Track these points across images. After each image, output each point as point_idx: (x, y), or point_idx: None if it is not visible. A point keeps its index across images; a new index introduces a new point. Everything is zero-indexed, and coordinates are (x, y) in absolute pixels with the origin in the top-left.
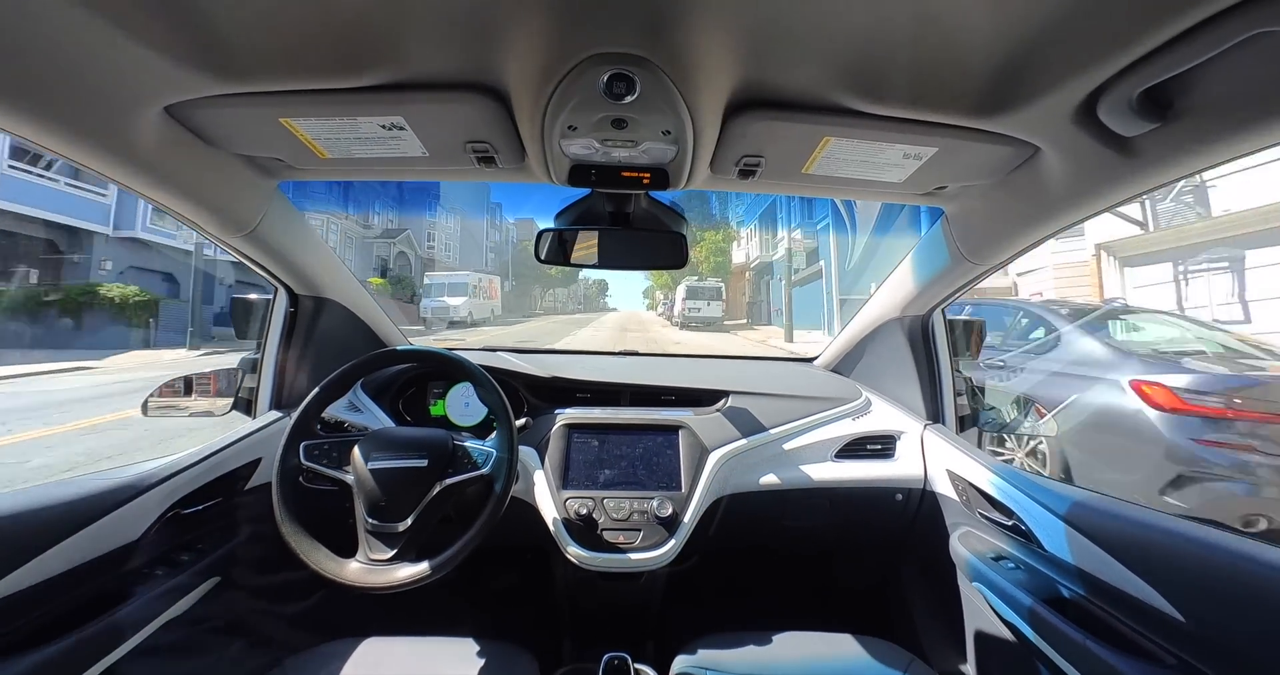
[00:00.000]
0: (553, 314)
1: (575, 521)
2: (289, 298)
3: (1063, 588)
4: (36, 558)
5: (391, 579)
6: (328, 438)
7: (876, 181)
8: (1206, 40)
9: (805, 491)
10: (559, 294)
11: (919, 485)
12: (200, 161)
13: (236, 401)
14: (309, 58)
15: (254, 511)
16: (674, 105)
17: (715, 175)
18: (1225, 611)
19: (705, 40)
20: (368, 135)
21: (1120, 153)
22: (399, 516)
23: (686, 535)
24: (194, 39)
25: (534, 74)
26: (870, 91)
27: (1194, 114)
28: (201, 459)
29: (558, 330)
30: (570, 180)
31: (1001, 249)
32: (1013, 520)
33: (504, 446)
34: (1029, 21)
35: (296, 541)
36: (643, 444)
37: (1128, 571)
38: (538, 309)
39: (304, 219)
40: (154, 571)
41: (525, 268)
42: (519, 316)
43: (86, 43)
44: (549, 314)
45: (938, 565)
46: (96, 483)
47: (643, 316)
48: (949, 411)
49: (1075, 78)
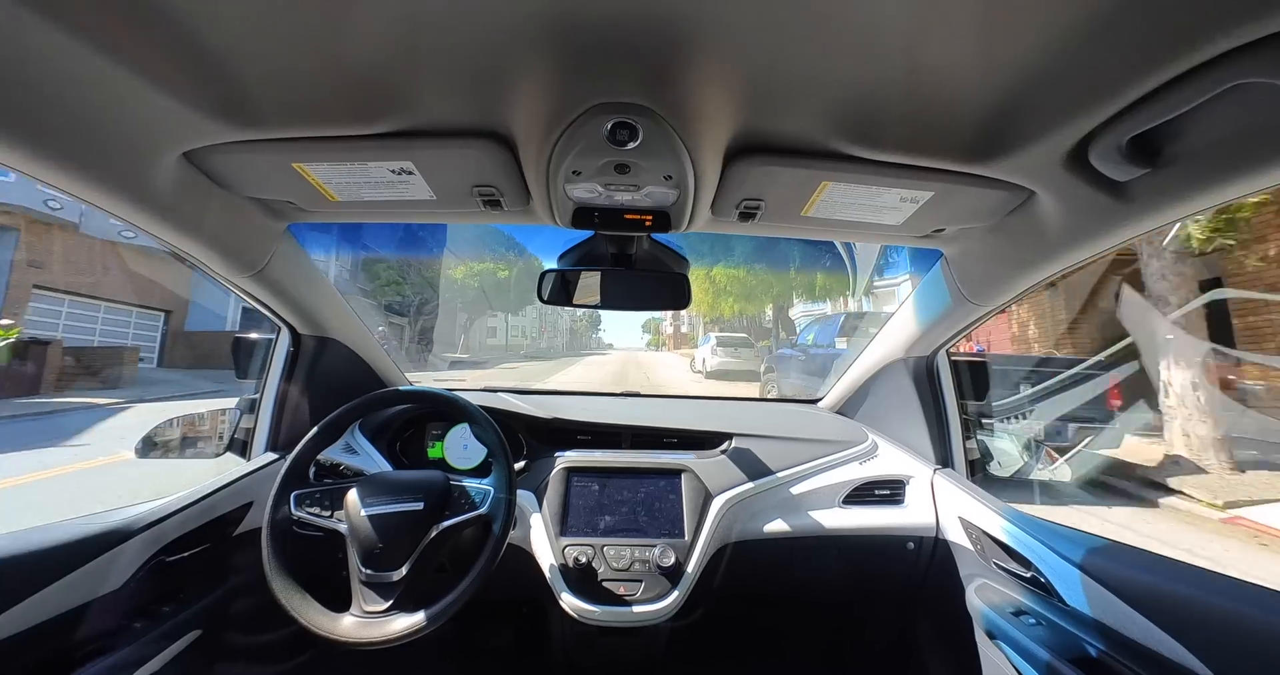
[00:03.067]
0: (510, 361)
1: (573, 570)
2: (291, 337)
3: (1088, 646)
4: (14, 608)
5: (386, 632)
6: (319, 486)
7: (875, 224)
8: (1190, 90)
9: (813, 539)
10: (519, 326)
11: (931, 533)
12: (214, 204)
13: (232, 442)
14: (323, 106)
15: (242, 559)
16: (675, 151)
17: (716, 218)
18: (1262, 673)
19: (705, 90)
20: (378, 179)
21: (1114, 197)
22: (394, 565)
23: (690, 587)
24: (215, 89)
25: (540, 122)
26: (865, 137)
27: (1184, 160)
28: (191, 503)
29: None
30: (574, 223)
31: (1002, 290)
32: (1030, 571)
33: (502, 486)
34: (1017, 72)
35: (287, 597)
36: (644, 488)
37: (1155, 627)
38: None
39: (310, 260)
40: (132, 623)
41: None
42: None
43: (112, 92)
44: (518, 359)
45: (955, 620)
46: (80, 528)
47: (644, 359)
48: (958, 455)
49: (1065, 125)
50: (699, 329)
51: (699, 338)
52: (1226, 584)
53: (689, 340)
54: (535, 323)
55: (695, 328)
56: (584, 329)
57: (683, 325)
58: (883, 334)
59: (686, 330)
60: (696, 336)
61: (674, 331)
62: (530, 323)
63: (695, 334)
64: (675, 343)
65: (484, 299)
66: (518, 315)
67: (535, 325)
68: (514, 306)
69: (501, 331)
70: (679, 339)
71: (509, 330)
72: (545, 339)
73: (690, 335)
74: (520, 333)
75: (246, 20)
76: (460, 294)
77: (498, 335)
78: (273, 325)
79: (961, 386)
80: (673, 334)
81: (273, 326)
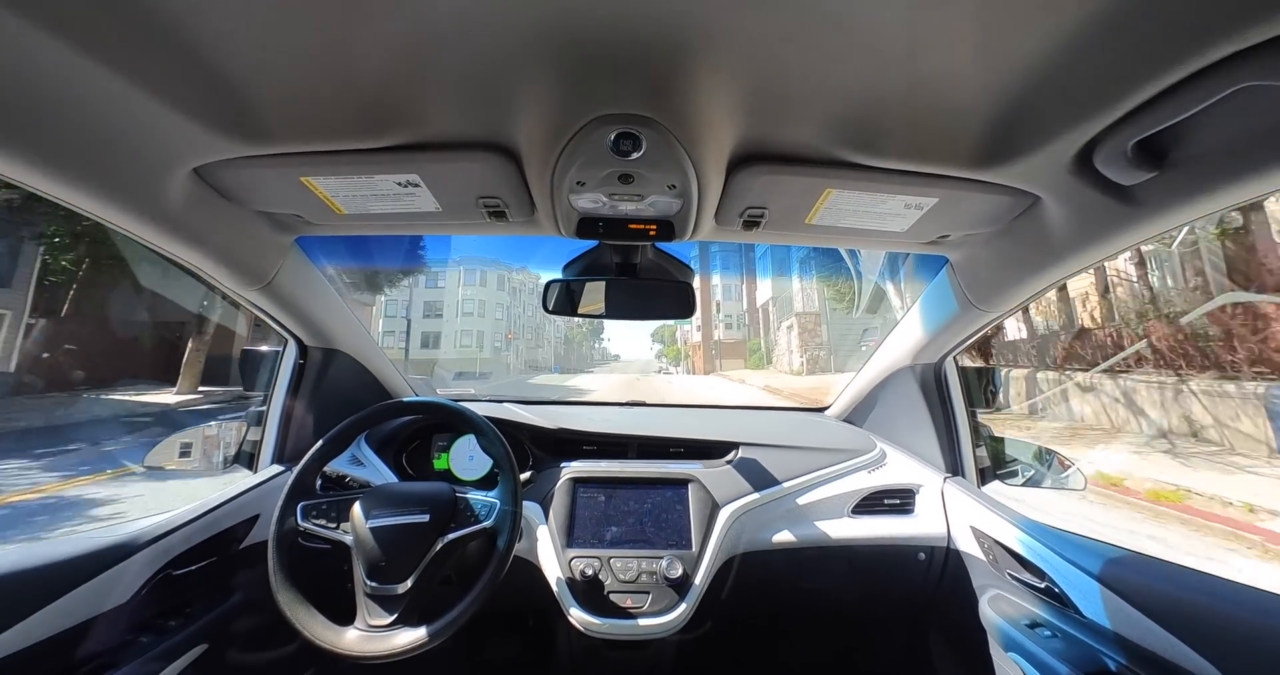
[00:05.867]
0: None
1: (580, 583)
2: (298, 349)
3: (1106, 658)
4: (22, 622)
5: (390, 646)
6: (326, 497)
7: (879, 231)
8: (1196, 93)
9: (822, 550)
10: (473, 329)
11: (942, 543)
12: (223, 218)
13: (239, 455)
14: (331, 121)
15: (248, 573)
16: (679, 161)
17: (720, 226)
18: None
19: (708, 101)
20: (384, 192)
21: (1120, 201)
22: (399, 577)
23: (698, 599)
24: (225, 105)
25: (544, 133)
26: (868, 145)
27: (1190, 163)
28: (198, 516)
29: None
30: (579, 233)
31: (1009, 296)
32: (1045, 582)
33: (508, 499)
34: (1021, 77)
35: (292, 610)
36: (651, 499)
37: (1175, 640)
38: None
39: (317, 272)
40: (138, 638)
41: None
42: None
43: (123, 109)
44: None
45: (968, 633)
46: (88, 542)
47: (658, 390)
48: (968, 463)
49: (1069, 130)
50: (782, 330)
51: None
52: (1250, 595)
53: (740, 351)
54: (497, 325)
55: (754, 326)
56: (581, 338)
57: (724, 325)
58: (889, 341)
59: (735, 334)
60: (764, 344)
61: (703, 340)
62: (490, 326)
63: (759, 340)
64: (705, 357)
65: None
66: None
67: (494, 329)
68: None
69: (448, 339)
70: (717, 350)
71: (457, 336)
72: (520, 350)
73: (751, 343)
74: (475, 341)
75: (256, 38)
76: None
77: (437, 344)
78: (279, 338)
79: (970, 393)
80: (700, 345)
81: (279, 339)
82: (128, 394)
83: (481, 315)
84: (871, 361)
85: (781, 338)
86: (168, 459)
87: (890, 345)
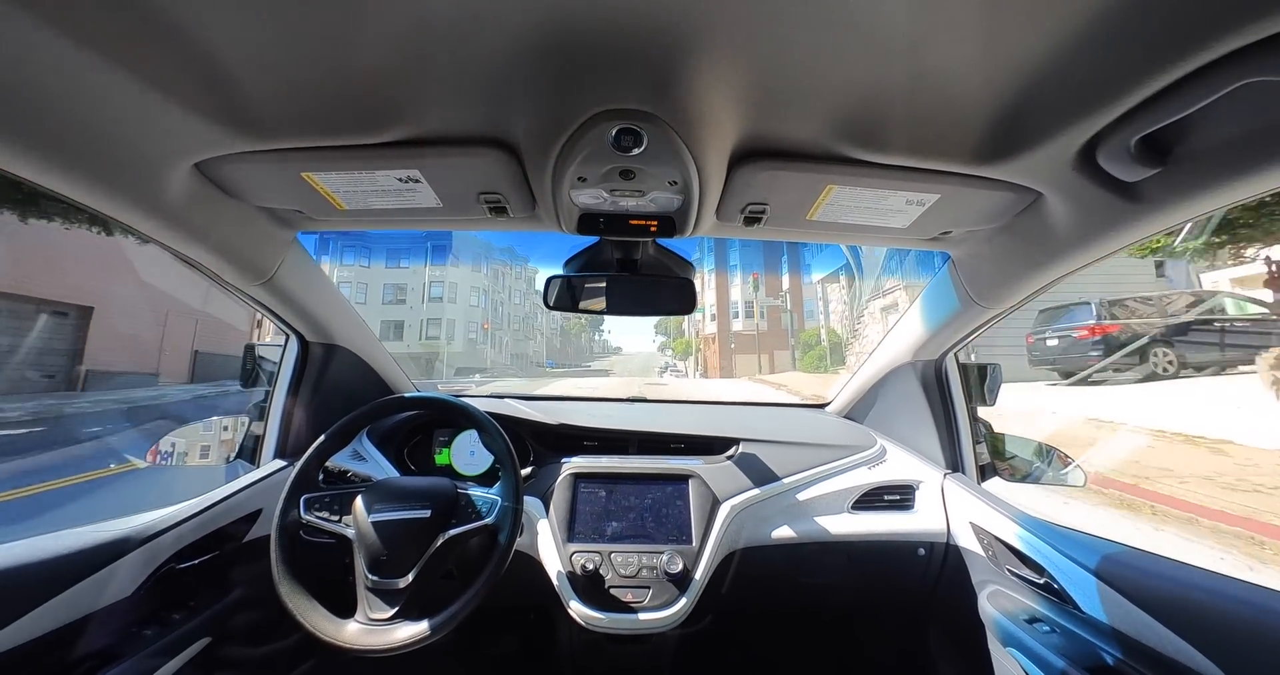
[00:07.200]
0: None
1: (580, 577)
2: (300, 345)
3: (1105, 654)
4: (26, 615)
5: (391, 640)
6: (329, 490)
7: (881, 227)
8: (1199, 89)
9: (822, 545)
10: (440, 317)
11: (941, 539)
12: (223, 214)
13: (241, 449)
14: (332, 117)
15: (250, 567)
16: (680, 157)
17: (721, 222)
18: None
19: (709, 96)
20: (385, 188)
21: (1123, 197)
22: (400, 572)
23: (698, 593)
24: (226, 100)
25: (545, 129)
26: (870, 141)
27: (1193, 160)
28: (201, 510)
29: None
30: (580, 229)
31: (1011, 292)
32: (1044, 578)
33: (509, 495)
34: (1023, 73)
35: (294, 601)
36: (651, 494)
37: (1174, 636)
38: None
39: (318, 268)
40: (142, 631)
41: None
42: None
43: (125, 104)
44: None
45: (967, 628)
46: (92, 536)
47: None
48: (968, 460)
49: (1072, 126)
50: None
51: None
52: (1250, 590)
53: (759, 345)
54: (473, 313)
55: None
56: (580, 329)
57: (743, 314)
58: (890, 337)
59: (759, 325)
60: (823, 335)
61: (718, 331)
62: (463, 314)
63: (818, 330)
64: (720, 355)
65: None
66: (442, 301)
67: (469, 318)
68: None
69: (410, 330)
70: (744, 343)
71: (423, 326)
72: (505, 342)
73: (806, 335)
74: (445, 332)
75: (257, 33)
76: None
77: (400, 335)
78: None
79: (970, 389)
80: (716, 337)
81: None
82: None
83: (453, 301)
84: (872, 358)
85: (871, 326)
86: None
87: (890, 342)
